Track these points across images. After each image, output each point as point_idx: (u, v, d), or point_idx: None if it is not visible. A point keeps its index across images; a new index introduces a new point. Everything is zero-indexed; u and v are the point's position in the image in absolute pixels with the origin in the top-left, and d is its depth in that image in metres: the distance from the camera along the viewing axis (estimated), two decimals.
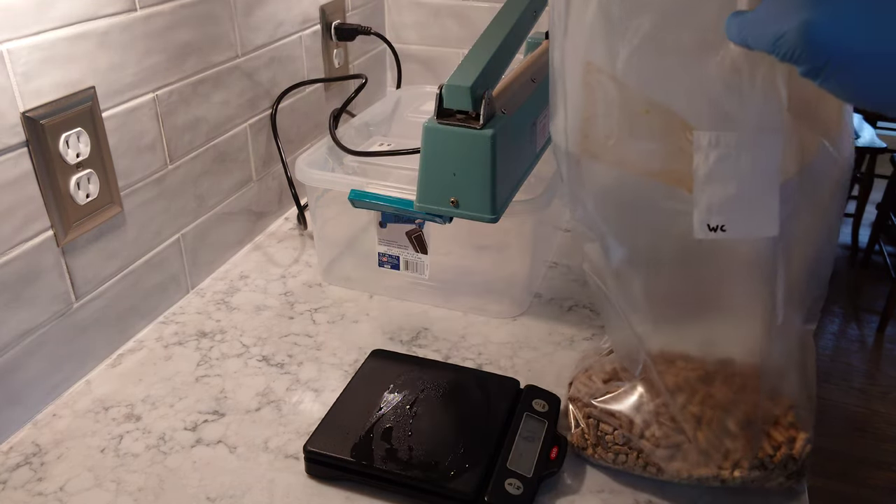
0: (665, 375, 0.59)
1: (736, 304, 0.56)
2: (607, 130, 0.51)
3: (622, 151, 0.50)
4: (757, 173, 0.46)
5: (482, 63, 0.61)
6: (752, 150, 0.46)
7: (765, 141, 0.46)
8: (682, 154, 0.47)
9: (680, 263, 0.54)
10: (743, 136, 0.46)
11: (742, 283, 0.55)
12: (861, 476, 1.93)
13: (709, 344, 0.58)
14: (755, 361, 0.58)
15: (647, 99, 0.48)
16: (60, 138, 0.67)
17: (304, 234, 1.02)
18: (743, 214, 0.47)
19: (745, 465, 0.58)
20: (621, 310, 0.58)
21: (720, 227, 0.48)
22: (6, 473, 0.64)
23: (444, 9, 1.27)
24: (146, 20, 0.76)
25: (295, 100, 1.05)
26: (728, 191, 0.47)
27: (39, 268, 0.68)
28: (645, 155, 0.49)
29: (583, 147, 0.53)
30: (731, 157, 0.46)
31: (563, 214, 1.03)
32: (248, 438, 0.68)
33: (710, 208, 0.47)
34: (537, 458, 0.62)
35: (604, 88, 0.50)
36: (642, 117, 0.48)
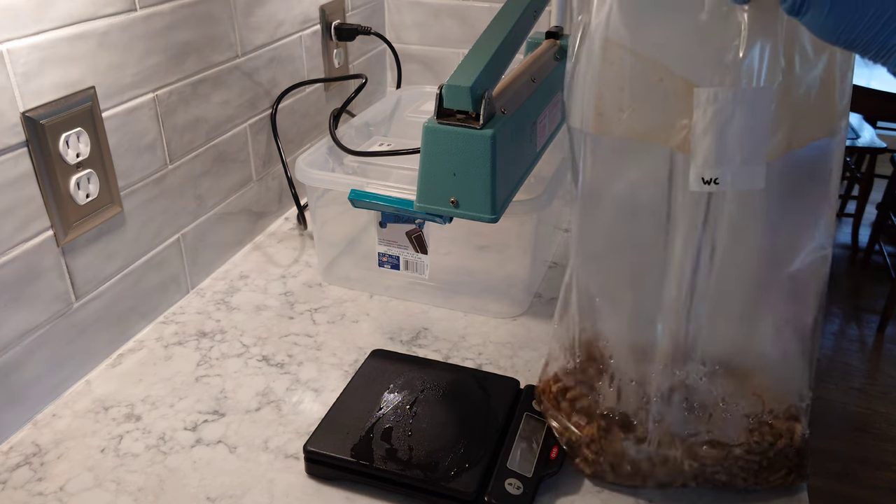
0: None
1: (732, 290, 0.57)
2: (621, 104, 0.54)
3: (635, 122, 0.54)
4: (749, 127, 0.50)
5: (482, 63, 0.61)
6: (745, 103, 0.49)
7: (758, 95, 0.49)
8: (683, 112, 0.51)
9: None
10: (738, 91, 0.49)
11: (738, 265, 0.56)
12: (861, 476, 1.93)
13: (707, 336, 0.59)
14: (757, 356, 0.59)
15: (661, 67, 0.51)
16: (60, 138, 0.67)
17: (304, 234, 1.02)
18: (735, 168, 0.51)
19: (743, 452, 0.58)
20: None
21: (713, 180, 0.51)
22: (6, 473, 0.64)
23: (444, 9, 1.27)
24: (146, 20, 0.76)
25: (295, 100, 1.05)
26: (722, 145, 0.50)
27: (39, 268, 0.68)
28: (658, 122, 0.53)
29: (596, 125, 0.56)
30: (726, 112, 0.49)
31: (564, 214, 1.03)
32: (248, 438, 0.68)
33: (705, 162, 0.51)
34: (537, 458, 0.62)
35: (621, 63, 0.53)
36: (656, 86, 0.52)
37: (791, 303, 0.58)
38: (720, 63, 0.49)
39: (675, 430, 0.59)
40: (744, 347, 0.59)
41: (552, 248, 0.98)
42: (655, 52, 0.51)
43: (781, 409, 0.60)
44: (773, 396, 0.59)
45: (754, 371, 0.59)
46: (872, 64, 0.45)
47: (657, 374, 0.59)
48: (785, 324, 0.58)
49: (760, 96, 0.49)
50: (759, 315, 0.58)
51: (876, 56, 0.43)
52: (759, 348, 0.59)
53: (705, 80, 0.50)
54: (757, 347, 0.59)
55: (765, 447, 0.59)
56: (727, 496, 0.61)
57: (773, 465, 0.59)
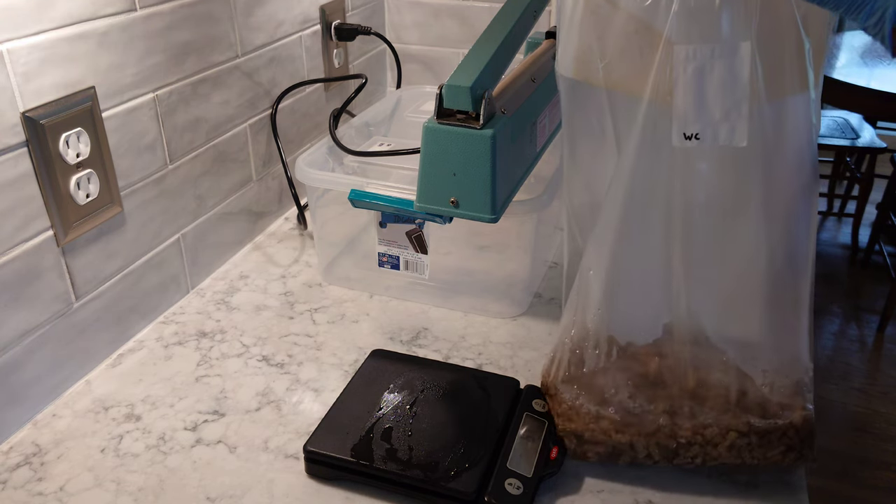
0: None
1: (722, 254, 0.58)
2: (600, 53, 0.55)
3: (612, 71, 0.55)
4: (728, 82, 0.51)
5: (482, 63, 0.61)
6: (723, 58, 0.51)
7: (736, 50, 0.51)
8: (663, 67, 0.52)
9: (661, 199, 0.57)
10: (716, 46, 0.51)
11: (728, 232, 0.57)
12: (861, 476, 1.93)
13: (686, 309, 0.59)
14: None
15: (636, 18, 0.53)
16: (60, 138, 0.67)
17: (304, 234, 1.02)
18: (716, 123, 0.52)
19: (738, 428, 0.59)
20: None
21: (695, 135, 0.53)
22: (6, 473, 0.64)
23: (444, 9, 1.27)
24: (146, 20, 0.76)
25: (295, 100, 1.05)
26: (702, 101, 0.52)
27: (39, 268, 0.68)
28: (631, 71, 0.54)
29: (577, 72, 0.58)
30: (705, 68, 0.51)
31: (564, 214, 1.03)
32: (248, 438, 0.68)
33: (686, 117, 0.52)
34: (537, 458, 0.62)
35: (600, 12, 0.55)
36: (632, 37, 0.53)
37: (785, 262, 0.59)
38: (696, 18, 0.50)
39: (675, 407, 0.59)
40: (741, 318, 0.60)
41: (552, 248, 0.98)
42: (633, 5, 0.53)
43: (782, 383, 0.60)
44: (772, 369, 0.60)
45: (753, 343, 0.60)
46: (871, 64, 0.45)
47: (659, 350, 0.59)
48: (781, 283, 0.59)
49: (738, 52, 0.51)
50: (755, 282, 0.59)
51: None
52: (755, 318, 0.60)
53: (681, 34, 0.51)
54: (754, 318, 0.60)
55: (763, 424, 0.59)
56: (727, 492, 0.61)
57: (771, 441, 0.59)
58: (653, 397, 0.60)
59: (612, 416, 0.61)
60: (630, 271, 0.60)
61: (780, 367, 0.60)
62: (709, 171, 0.55)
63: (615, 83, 0.56)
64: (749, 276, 0.58)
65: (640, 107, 0.54)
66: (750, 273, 0.58)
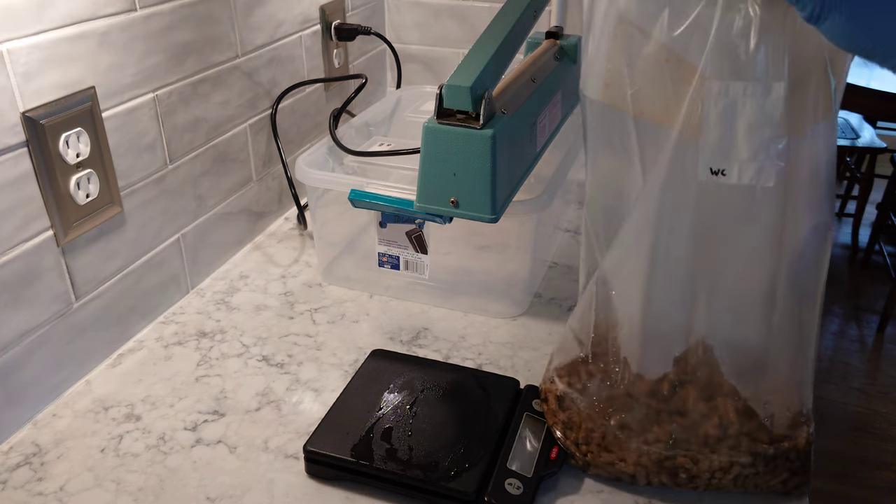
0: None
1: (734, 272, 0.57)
2: (629, 79, 0.55)
3: (640, 99, 0.55)
4: (760, 121, 0.51)
5: (482, 63, 0.61)
6: (756, 97, 0.50)
7: (769, 89, 0.50)
8: (694, 101, 0.52)
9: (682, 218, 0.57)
10: (749, 84, 0.50)
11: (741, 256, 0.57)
12: (861, 476, 1.93)
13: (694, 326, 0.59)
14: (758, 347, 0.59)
15: (668, 48, 0.52)
16: (60, 138, 0.67)
17: (304, 234, 1.02)
18: (743, 161, 0.51)
19: (744, 451, 0.58)
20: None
21: (721, 171, 0.52)
22: (6, 473, 0.64)
23: (444, 9, 1.27)
24: (146, 20, 0.76)
25: (295, 100, 1.05)
26: (732, 136, 0.51)
27: (39, 268, 0.68)
28: (660, 102, 0.54)
29: (604, 95, 0.57)
30: (737, 105, 0.50)
31: (564, 214, 1.03)
32: (248, 438, 0.68)
33: (714, 152, 0.52)
34: (537, 458, 0.62)
35: (630, 40, 0.54)
36: (662, 66, 0.53)
37: (795, 293, 0.58)
38: (730, 54, 0.50)
39: (677, 433, 0.59)
40: (749, 341, 0.59)
41: (552, 248, 0.98)
42: (664, 35, 0.52)
43: (786, 411, 0.59)
44: (777, 398, 0.59)
45: (758, 370, 0.59)
46: (871, 64, 0.45)
47: (664, 368, 0.59)
48: (790, 316, 0.59)
49: (771, 91, 0.50)
50: (762, 304, 0.58)
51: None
52: (762, 342, 0.59)
53: (714, 68, 0.50)
54: (761, 341, 0.59)
55: (766, 451, 0.59)
56: (727, 497, 0.61)
57: (775, 469, 0.59)
58: (658, 425, 0.60)
59: (613, 437, 0.61)
60: (651, 299, 0.59)
61: (784, 398, 0.60)
62: (731, 202, 0.54)
63: (643, 111, 0.55)
64: (760, 306, 0.58)
65: (669, 137, 0.53)
66: (761, 304, 0.58)
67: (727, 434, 0.58)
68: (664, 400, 0.59)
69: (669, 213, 0.56)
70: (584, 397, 0.62)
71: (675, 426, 0.59)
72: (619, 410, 0.60)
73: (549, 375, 0.66)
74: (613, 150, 0.59)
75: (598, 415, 0.61)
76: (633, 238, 0.58)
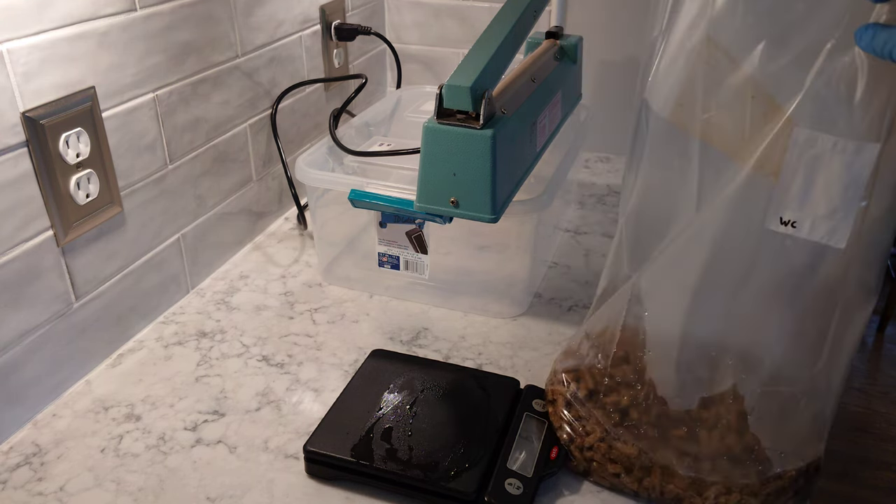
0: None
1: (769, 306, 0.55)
2: (705, 104, 0.52)
3: (712, 127, 0.52)
4: (844, 180, 0.47)
5: (482, 63, 0.61)
6: (846, 154, 0.47)
7: (861, 149, 0.47)
8: (774, 143, 0.49)
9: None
10: (840, 140, 0.47)
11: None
12: (861, 476, 1.93)
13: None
14: None
15: (757, 84, 0.49)
16: (60, 138, 0.67)
17: (304, 234, 1.02)
18: (817, 217, 0.48)
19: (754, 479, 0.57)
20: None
21: (792, 222, 0.49)
22: (6, 473, 0.64)
23: (444, 9, 1.27)
24: (146, 20, 0.76)
25: (295, 100, 1.05)
26: (809, 190, 0.48)
27: (39, 268, 0.68)
28: (736, 135, 0.51)
29: (674, 115, 0.54)
30: (823, 159, 0.47)
31: (564, 214, 1.03)
32: (248, 438, 0.68)
33: (787, 202, 0.49)
34: (537, 458, 0.62)
35: (716, 65, 0.51)
36: (747, 101, 0.50)
37: (836, 347, 0.56)
38: (826, 104, 0.47)
39: (689, 462, 0.58)
40: (784, 393, 0.57)
41: (552, 248, 0.98)
42: (755, 69, 0.49)
43: (800, 461, 0.58)
44: (795, 448, 0.58)
45: (784, 421, 0.58)
46: None
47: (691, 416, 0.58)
48: (828, 369, 0.57)
49: (861, 152, 0.47)
50: (809, 355, 0.56)
51: None
52: (797, 394, 0.57)
53: (804, 116, 0.47)
54: (796, 393, 0.57)
55: (774, 486, 0.58)
56: None
57: (779, 497, 0.58)
58: (670, 451, 0.59)
59: (621, 452, 0.60)
60: (688, 334, 0.57)
61: (801, 449, 0.59)
62: (794, 254, 0.51)
63: (713, 139, 0.52)
64: (806, 357, 0.56)
65: (737, 172, 0.50)
66: (808, 355, 0.56)
67: (737, 474, 0.57)
68: (683, 432, 0.58)
69: (723, 250, 0.53)
70: (598, 407, 0.61)
71: (689, 459, 0.58)
72: (636, 427, 0.60)
73: (557, 377, 0.66)
74: (669, 170, 0.56)
75: (613, 427, 0.60)
76: (676, 265, 0.55)
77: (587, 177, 1.19)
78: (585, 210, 1.08)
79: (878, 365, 2.37)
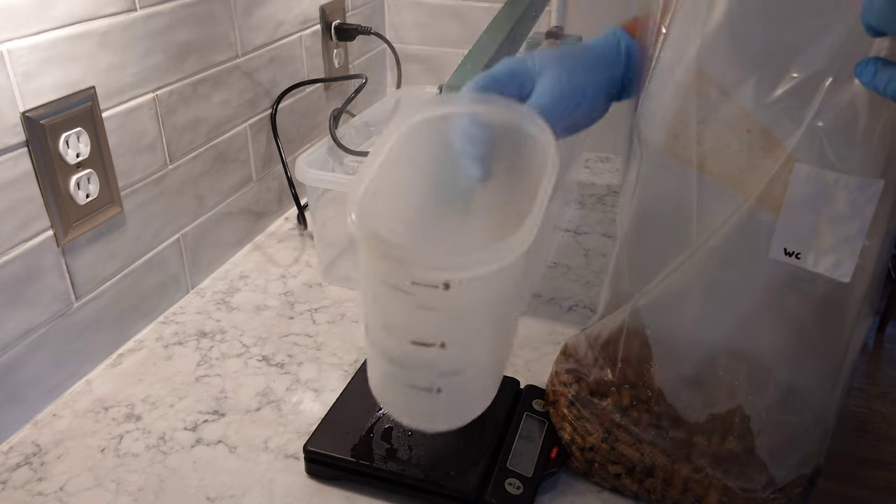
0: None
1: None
2: (700, 137, 0.51)
3: (709, 158, 0.51)
4: (848, 216, 0.47)
5: (482, 63, 0.61)
6: (849, 192, 0.46)
7: (864, 186, 0.46)
8: (775, 179, 0.48)
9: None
10: (843, 178, 0.46)
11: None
12: (861, 476, 1.93)
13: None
14: None
15: (752, 119, 0.48)
16: (60, 138, 0.67)
17: (304, 234, 1.02)
18: (821, 250, 0.48)
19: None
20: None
21: (796, 254, 0.48)
22: (6, 473, 0.64)
23: (444, 9, 1.27)
24: (146, 20, 0.76)
25: (295, 100, 1.05)
26: (811, 224, 0.47)
27: (39, 268, 0.68)
28: (733, 167, 0.50)
29: (668, 146, 0.53)
30: (826, 195, 0.47)
31: (564, 214, 1.03)
32: (248, 438, 0.68)
33: (791, 234, 0.48)
34: (537, 458, 0.62)
35: (708, 98, 0.50)
36: (743, 135, 0.49)
37: (844, 380, 0.56)
38: (825, 141, 0.46)
39: (689, 473, 0.58)
40: (793, 423, 0.57)
41: (552, 248, 0.98)
42: (749, 102, 0.48)
43: (800, 482, 0.58)
44: (797, 467, 0.58)
45: (790, 448, 0.58)
46: None
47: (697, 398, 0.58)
48: (838, 401, 0.56)
49: (865, 188, 0.46)
50: (817, 386, 0.56)
51: None
52: (804, 423, 0.57)
53: (803, 152, 0.46)
54: (802, 422, 0.57)
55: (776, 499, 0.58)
56: None
57: (783, 498, 0.58)
58: (674, 459, 0.59)
59: (623, 454, 0.60)
60: (691, 358, 0.56)
61: (802, 467, 0.59)
62: (801, 281, 0.50)
63: (711, 170, 0.51)
64: (817, 390, 0.56)
65: (738, 203, 0.49)
66: (817, 387, 0.56)
67: (738, 479, 0.57)
68: (685, 435, 0.58)
69: (725, 279, 0.52)
70: (600, 407, 0.61)
71: (691, 462, 0.58)
72: (637, 428, 0.59)
73: (559, 378, 0.66)
74: (666, 196, 0.55)
75: (614, 427, 0.60)
76: (678, 292, 0.55)
77: (587, 177, 1.19)
78: (585, 210, 1.09)
79: (878, 365, 2.37)
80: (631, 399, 0.60)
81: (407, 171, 0.55)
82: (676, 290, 0.55)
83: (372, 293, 0.51)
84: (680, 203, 0.53)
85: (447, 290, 0.47)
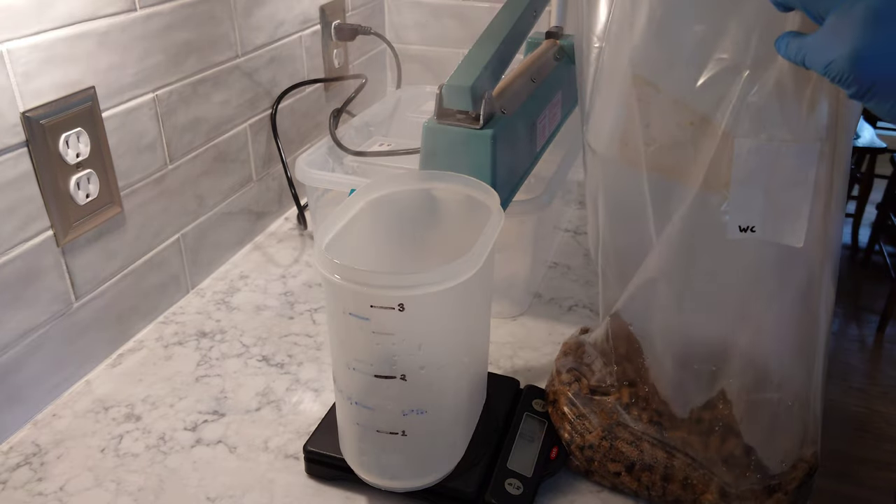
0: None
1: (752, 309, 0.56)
2: (648, 139, 0.53)
3: (661, 157, 0.53)
4: (792, 182, 0.49)
5: (482, 63, 0.61)
6: (789, 159, 0.48)
7: (802, 151, 0.48)
8: (718, 158, 0.50)
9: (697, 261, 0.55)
10: (782, 146, 0.48)
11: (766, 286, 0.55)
12: (861, 476, 1.93)
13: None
14: None
15: (692, 111, 0.50)
16: (60, 138, 0.67)
17: (304, 234, 1.02)
18: (774, 219, 0.50)
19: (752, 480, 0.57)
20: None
21: (751, 227, 0.50)
22: (6, 473, 0.64)
23: (444, 9, 1.27)
24: (146, 20, 0.76)
25: (295, 100, 1.05)
26: (760, 196, 0.49)
27: (39, 268, 0.68)
28: (683, 161, 0.52)
29: (621, 154, 0.55)
30: (768, 166, 0.49)
31: (564, 214, 1.03)
32: (248, 438, 0.68)
33: (743, 210, 0.50)
34: (537, 458, 0.62)
35: (649, 101, 0.52)
36: (686, 128, 0.51)
37: (824, 353, 0.57)
38: (759, 113, 0.48)
39: (683, 465, 0.58)
40: (772, 400, 0.58)
41: (552, 248, 0.98)
42: (687, 96, 0.50)
43: (793, 470, 0.58)
44: (789, 452, 0.58)
45: (775, 431, 0.58)
46: None
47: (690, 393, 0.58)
48: (823, 375, 0.57)
49: (804, 153, 0.48)
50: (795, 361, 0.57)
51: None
52: (780, 401, 0.58)
53: (742, 128, 0.48)
54: (781, 399, 0.58)
55: (771, 484, 0.58)
56: None
57: (775, 493, 0.58)
58: (671, 454, 0.59)
59: (620, 451, 0.60)
60: (670, 350, 0.58)
61: (795, 452, 0.59)
62: (763, 257, 0.52)
63: (660, 168, 0.53)
64: (796, 365, 0.57)
65: (686, 193, 0.51)
66: (794, 362, 0.57)
67: (736, 477, 0.57)
68: (683, 433, 0.58)
69: (688, 268, 0.54)
70: (599, 406, 0.61)
71: (690, 460, 0.58)
72: (636, 427, 0.60)
73: (560, 377, 0.66)
74: (625, 203, 0.57)
75: (614, 426, 0.60)
76: (644, 284, 0.56)
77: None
78: (585, 210, 1.08)
79: (878, 365, 2.37)
80: (630, 396, 0.60)
81: (368, 229, 0.60)
82: (643, 283, 0.57)
83: (338, 334, 0.54)
84: (636, 205, 0.55)
85: (402, 312, 0.49)
